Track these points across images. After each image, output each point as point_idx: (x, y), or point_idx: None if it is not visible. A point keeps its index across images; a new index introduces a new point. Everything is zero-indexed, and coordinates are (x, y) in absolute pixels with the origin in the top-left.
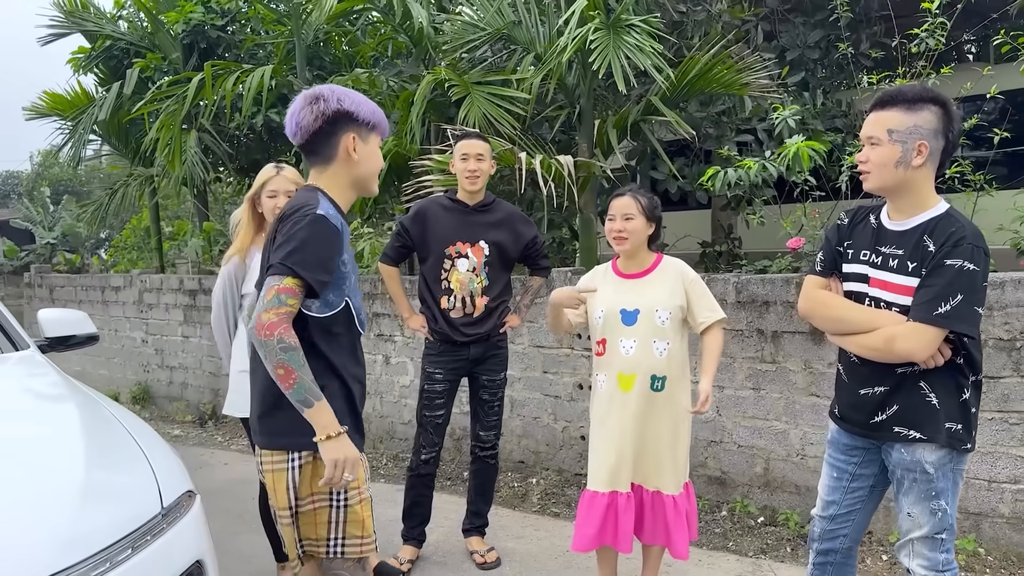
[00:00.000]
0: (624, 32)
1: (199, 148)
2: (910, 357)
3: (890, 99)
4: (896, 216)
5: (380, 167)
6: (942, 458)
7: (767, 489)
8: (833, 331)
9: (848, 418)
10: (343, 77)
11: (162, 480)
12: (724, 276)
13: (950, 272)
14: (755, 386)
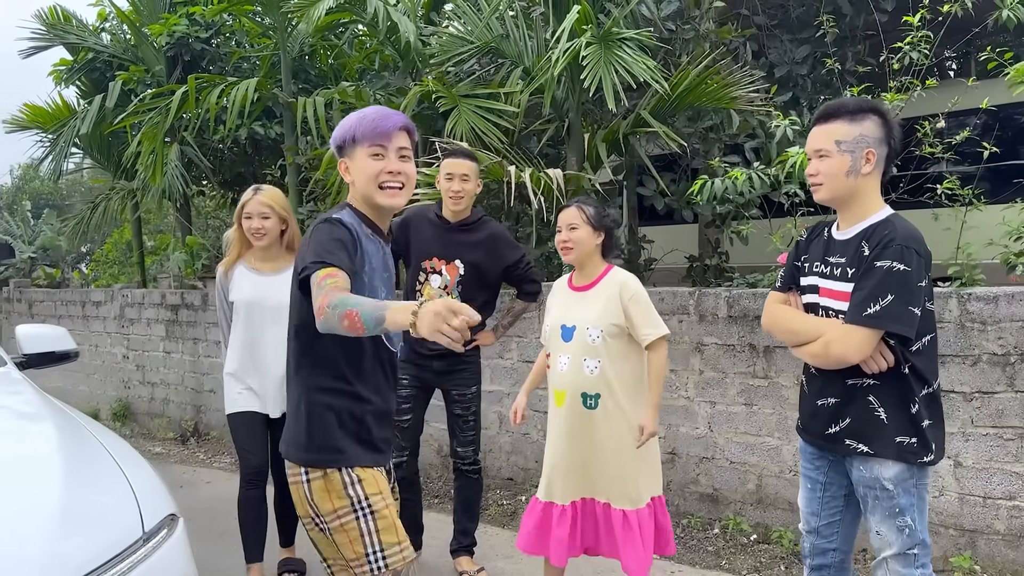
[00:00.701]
0: (615, 46)
1: (181, 161)
2: (844, 359)
3: (833, 112)
4: (843, 225)
5: (370, 175)
6: (900, 474)
7: (760, 506)
8: (788, 343)
9: (808, 428)
10: (329, 90)
11: (143, 502)
12: (715, 291)
13: (879, 273)
14: (747, 401)
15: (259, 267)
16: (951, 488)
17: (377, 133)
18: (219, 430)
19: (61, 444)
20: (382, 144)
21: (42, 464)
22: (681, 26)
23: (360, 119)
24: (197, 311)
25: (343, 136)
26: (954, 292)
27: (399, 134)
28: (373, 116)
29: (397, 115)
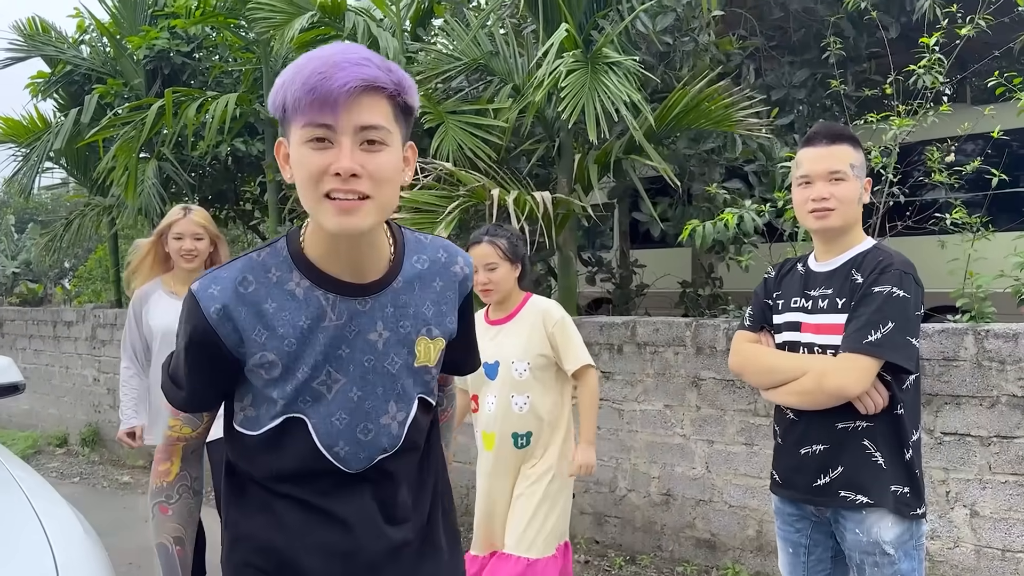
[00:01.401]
0: (602, 72)
1: (159, 178)
2: (843, 392)
3: (840, 134)
4: (825, 257)
5: (305, 175)
6: (901, 535)
7: (760, 554)
8: (765, 384)
9: (790, 483)
10: None
11: (54, 543)
12: (714, 321)
13: (878, 299)
14: (747, 441)
15: (179, 291)
16: (967, 539)
17: (316, 99)
18: None
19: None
20: (324, 122)
21: None
22: (679, 38)
23: (295, 72)
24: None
25: (274, 102)
26: (970, 328)
27: (361, 100)
28: (312, 68)
29: (358, 63)
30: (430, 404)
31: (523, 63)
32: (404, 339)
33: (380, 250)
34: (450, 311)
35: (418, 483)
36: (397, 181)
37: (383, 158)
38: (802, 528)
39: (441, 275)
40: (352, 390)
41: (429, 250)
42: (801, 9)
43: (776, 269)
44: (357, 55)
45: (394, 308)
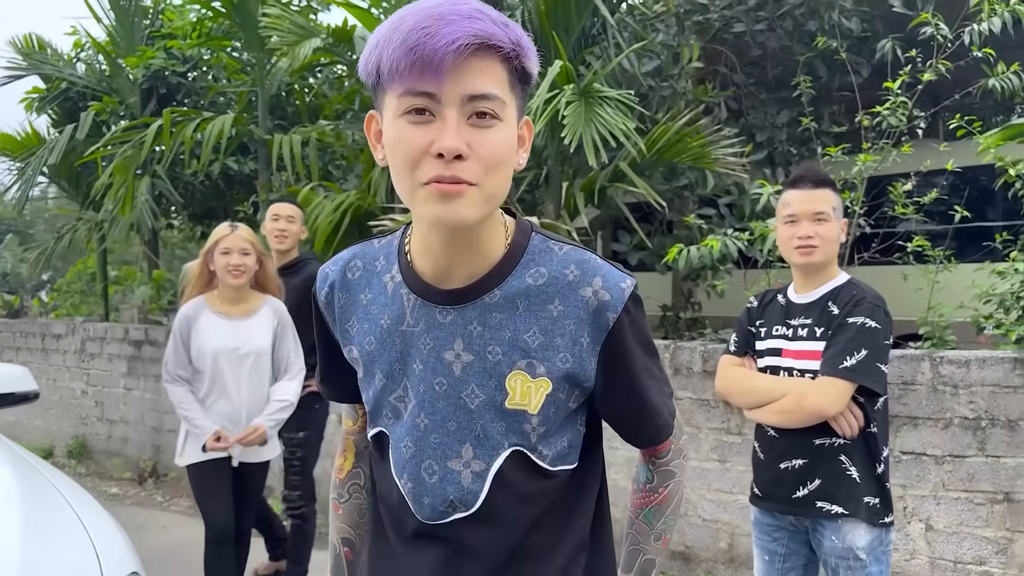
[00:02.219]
0: (596, 104)
1: (151, 194)
2: (821, 411)
3: (823, 179)
4: (804, 290)
5: (406, 154)
6: (872, 542)
7: (732, 565)
8: (748, 404)
9: (770, 496)
10: (307, 128)
11: (105, 559)
12: (691, 344)
13: (852, 329)
14: (720, 458)
15: (227, 311)
16: (922, 552)
17: (417, 61)
18: (178, 471)
19: (20, 492)
20: (425, 90)
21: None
22: (659, 83)
23: (393, 27)
24: (161, 347)
25: (366, 66)
26: (926, 355)
27: (471, 63)
28: (414, 22)
29: (469, 16)
30: (539, 466)
31: None
32: (492, 369)
33: (486, 252)
34: (573, 347)
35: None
36: (511, 165)
37: (495, 136)
38: (779, 537)
39: (562, 297)
40: (420, 415)
41: (556, 263)
42: (779, 48)
43: (758, 299)
44: (468, 6)
45: (482, 327)
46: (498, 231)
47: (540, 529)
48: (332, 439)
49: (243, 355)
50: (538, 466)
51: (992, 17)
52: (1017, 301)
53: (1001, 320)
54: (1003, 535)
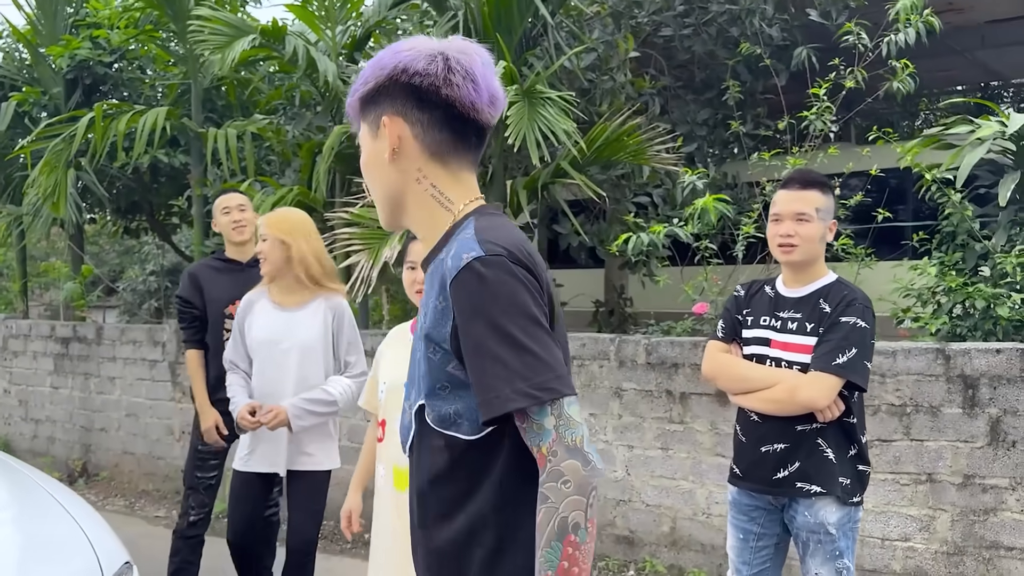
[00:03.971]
0: (539, 104)
1: (76, 188)
2: (812, 404)
3: (812, 181)
4: (793, 285)
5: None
6: (842, 518)
7: (674, 548)
8: (736, 390)
9: (750, 476)
10: (242, 122)
11: (100, 552)
12: (635, 338)
13: (845, 328)
14: (663, 446)
15: (281, 301)
16: None
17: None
18: (109, 470)
19: (11, 492)
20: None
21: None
22: (599, 77)
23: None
24: (91, 344)
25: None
26: None
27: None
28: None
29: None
30: (427, 422)
31: None
32: (420, 332)
33: (423, 234)
34: (432, 310)
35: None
36: (375, 169)
37: (361, 156)
38: (756, 517)
39: (439, 267)
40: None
41: (457, 242)
42: (705, 52)
43: (745, 288)
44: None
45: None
46: (430, 218)
47: (441, 486)
48: None
49: (285, 349)
50: (427, 422)
51: (907, 28)
52: (932, 296)
53: (919, 314)
54: (926, 513)
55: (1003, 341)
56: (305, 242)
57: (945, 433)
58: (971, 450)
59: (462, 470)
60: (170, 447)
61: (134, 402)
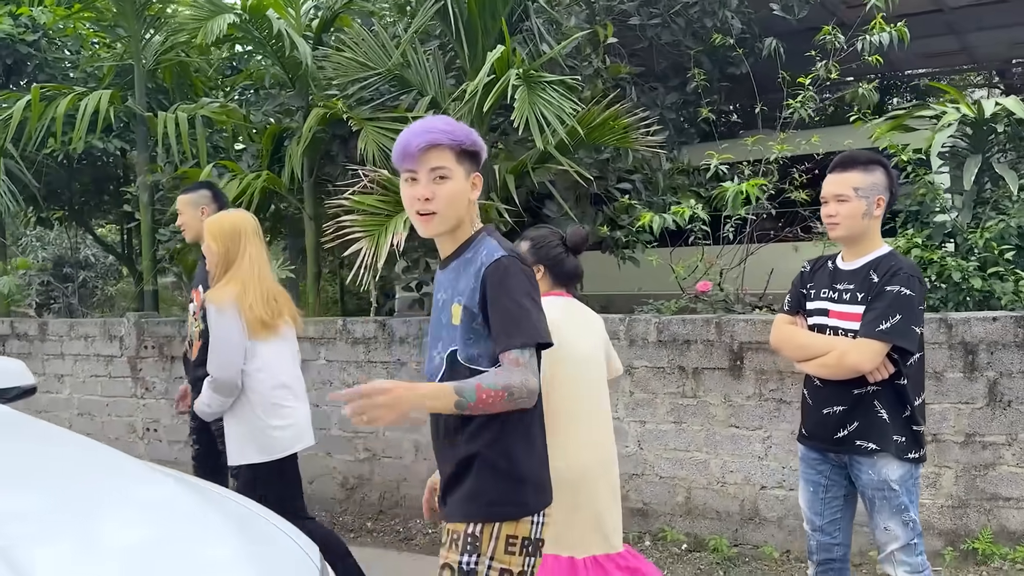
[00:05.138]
0: (540, 88)
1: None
2: (858, 367)
3: (849, 162)
4: (848, 258)
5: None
6: (903, 475)
7: (689, 517)
8: (798, 357)
9: (814, 435)
10: (191, 105)
11: (306, 549)
12: (646, 317)
13: (889, 296)
14: (676, 420)
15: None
16: None
17: (402, 158)
18: None
19: (206, 504)
20: (409, 168)
21: (214, 528)
22: (580, 63)
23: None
24: (33, 342)
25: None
26: None
27: (427, 153)
28: (401, 139)
29: (420, 132)
30: (459, 360)
31: (433, 76)
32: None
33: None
34: (469, 290)
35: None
36: (460, 200)
37: (447, 188)
38: (823, 470)
39: (472, 262)
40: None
41: (479, 247)
42: (669, 42)
43: (811, 264)
44: (423, 125)
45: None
46: (465, 231)
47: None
48: None
49: None
50: (459, 360)
51: (882, 32)
52: None
53: None
54: (932, 471)
55: (975, 311)
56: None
57: (948, 396)
58: (972, 411)
59: None
60: (133, 445)
61: (88, 400)
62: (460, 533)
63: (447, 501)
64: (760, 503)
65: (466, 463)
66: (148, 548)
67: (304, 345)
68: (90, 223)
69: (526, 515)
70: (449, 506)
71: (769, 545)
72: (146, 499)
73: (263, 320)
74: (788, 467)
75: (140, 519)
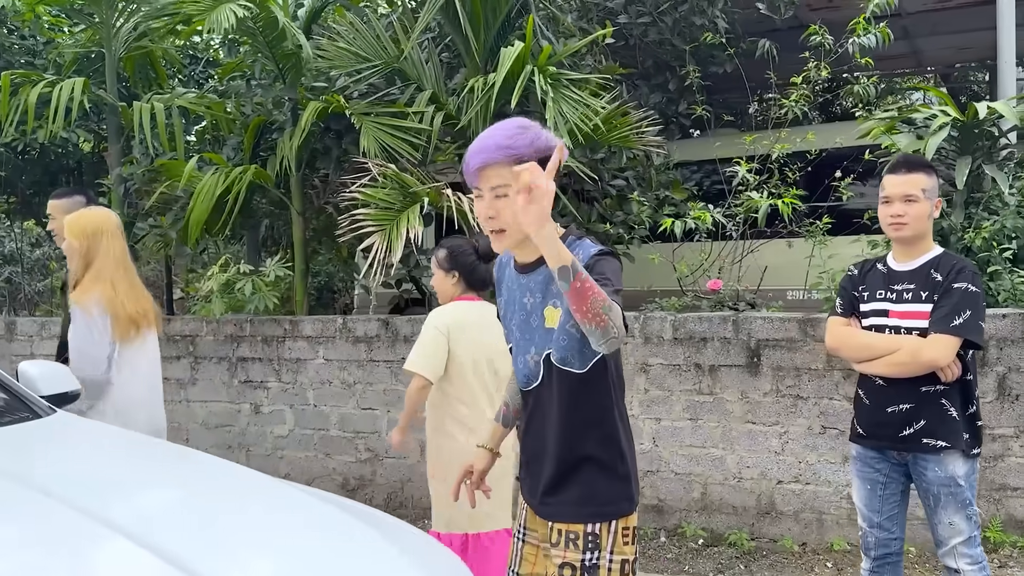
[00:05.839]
0: (562, 87)
1: None
2: (934, 363)
3: (916, 164)
4: (903, 258)
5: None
6: (968, 471)
7: (705, 512)
8: (860, 358)
9: (874, 435)
10: (163, 95)
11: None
12: (661, 315)
13: (958, 293)
14: (692, 416)
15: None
16: None
17: (467, 176)
18: None
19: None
20: (475, 185)
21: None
22: (578, 62)
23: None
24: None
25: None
26: None
27: (486, 171)
28: (466, 158)
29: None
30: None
31: (430, 70)
32: (538, 305)
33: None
34: None
35: None
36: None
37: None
38: (881, 468)
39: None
40: (515, 333)
41: (580, 247)
42: (655, 41)
43: (858, 268)
44: (484, 142)
45: (535, 283)
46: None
47: (569, 399)
48: None
49: None
50: (552, 362)
51: (868, 34)
52: None
53: None
54: None
55: None
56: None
57: None
58: (982, 404)
59: (580, 390)
60: None
61: None
62: (579, 533)
63: (547, 500)
64: (777, 497)
65: (575, 464)
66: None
67: (300, 344)
68: (41, 216)
69: (635, 508)
70: (554, 506)
71: (788, 538)
72: (307, 523)
73: (133, 319)
74: (804, 462)
75: (320, 546)
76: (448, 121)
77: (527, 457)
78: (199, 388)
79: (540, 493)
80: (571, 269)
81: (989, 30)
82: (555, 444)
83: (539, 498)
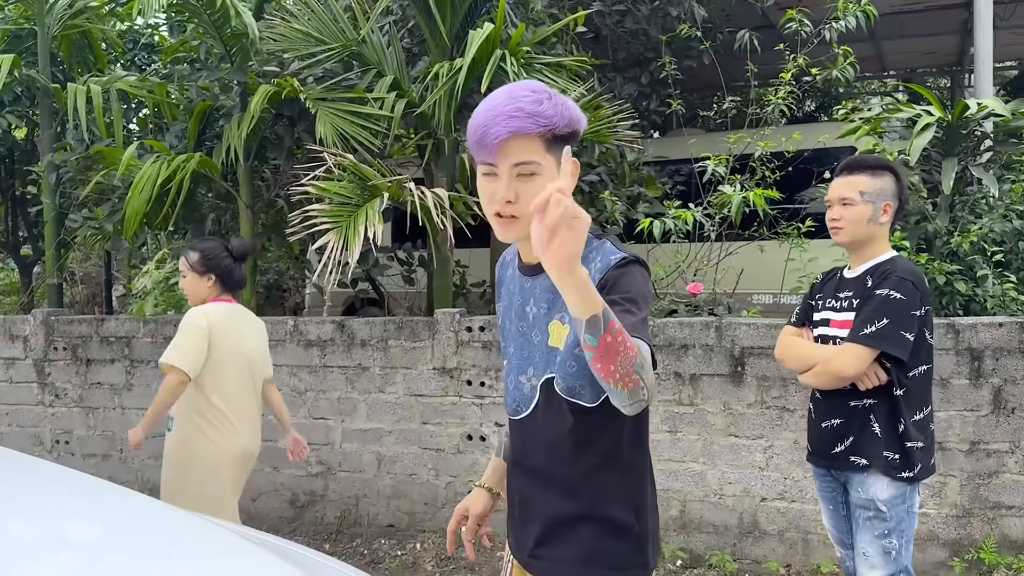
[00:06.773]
0: (535, 72)
1: None
2: (841, 373)
3: (856, 165)
4: (853, 265)
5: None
6: (894, 496)
7: (684, 531)
8: (799, 368)
9: (816, 451)
10: (102, 78)
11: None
12: None
13: (877, 300)
14: (671, 429)
15: None
16: None
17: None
18: None
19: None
20: (488, 161)
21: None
22: (547, 51)
23: (470, 125)
24: None
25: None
26: None
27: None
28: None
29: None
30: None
31: (391, 54)
32: (542, 318)
33: None
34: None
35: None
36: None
37: (536, 185)
38: (834, 487)
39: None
40: (511, 348)
41: (601, 251)
42: (630, 31)
43: (824, 274)
44: (510, 107)
45: (541, 290)
46: None
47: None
48: None
49: None
50: (555, 390)
51: (847, 16)
52: None
53: None
54: (937, 480)
55: (981, 316)
56: None
57: (954, 403)
58: (976, 418)
59: (588, 429)
60: (42, 457)
61: None
62: None
63: (540, 554)
64: (760, 516)
65: (576, 517)
66: None
67: None
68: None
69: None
70: (551, 562)
71: (772, 560)
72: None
73: None
74: (790, 478)
75: None
76: (410, 109)
77: (513, 500)
78: (135, 394)
79: (530, 546)
80: (602, 319)
81: (953, 34)
82: (552, 490)
83: (528, 551)
